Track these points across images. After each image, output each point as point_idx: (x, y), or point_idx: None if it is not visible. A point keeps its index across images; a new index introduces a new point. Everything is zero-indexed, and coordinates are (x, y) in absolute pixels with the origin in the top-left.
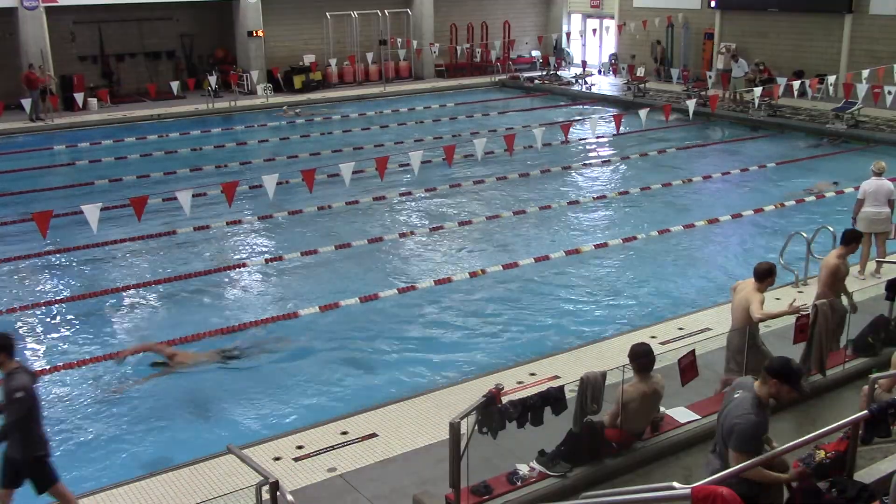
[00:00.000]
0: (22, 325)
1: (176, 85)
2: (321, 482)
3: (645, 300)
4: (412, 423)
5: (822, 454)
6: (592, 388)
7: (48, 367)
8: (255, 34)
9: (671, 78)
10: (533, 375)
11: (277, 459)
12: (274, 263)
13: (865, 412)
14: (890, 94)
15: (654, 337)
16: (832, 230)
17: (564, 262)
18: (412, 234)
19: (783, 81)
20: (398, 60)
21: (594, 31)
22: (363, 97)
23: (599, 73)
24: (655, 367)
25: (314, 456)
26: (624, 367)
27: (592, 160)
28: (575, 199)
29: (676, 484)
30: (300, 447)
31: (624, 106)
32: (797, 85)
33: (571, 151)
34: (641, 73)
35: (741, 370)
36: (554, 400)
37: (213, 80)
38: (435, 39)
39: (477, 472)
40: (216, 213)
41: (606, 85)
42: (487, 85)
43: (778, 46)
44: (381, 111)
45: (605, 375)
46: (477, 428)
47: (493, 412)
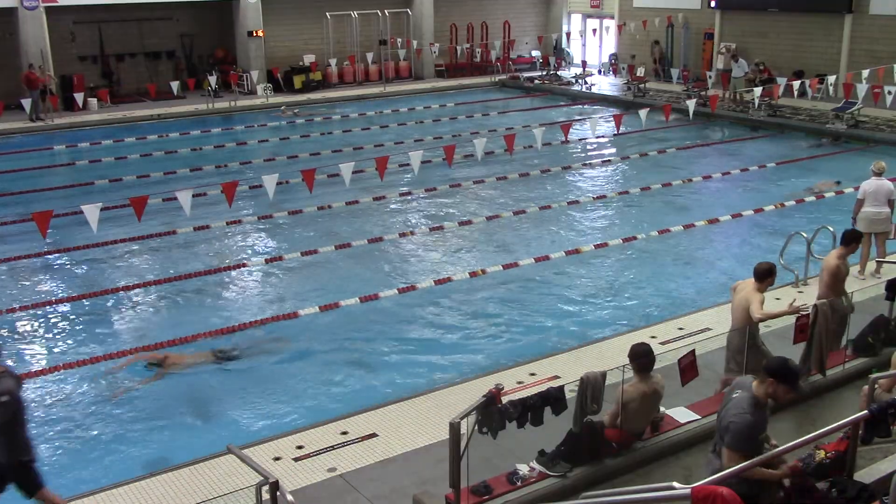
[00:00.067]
0: (22, 325)
1: (176, 85)
2: (321, 482)
3: (645, 300)
4: (412, 423)
5: (822, 454)
6: (592, 388)
7: (48, 367)
8: (255, 34)
9: (671, 78)
10: (533, 375)
11: (277, 459)
12: (274, 263)
13: (865, 412)
14: (890, 94)
15: (654, 337)
16: (832, 230)
17: (564, 261)
18: (412, 234)
19: (783, 81)
20: (398, 60)
21: (594, 31)
22: (363, 97)
23: (599, 73)
24: (655, 367)
25: (314, 456)
26: (624, 367)
27: (592, 160)
28: (575, 199)
29: (676, 484)
30: (300, 447)
31: (624, 106)
32: (797, 85)
33: (571, 151)
34: (641, 73)
35: (741, 370)
36: (554, 400)
37: (213, 80)
38: (435, 39)
39: (477, 472)
40: (216, 213)
41: (606, 85)
42: (487, 85)
43: (778, 46)
44: (381, 111)
45: (605, 375)
46: (477, 428)
47: (493, 412)
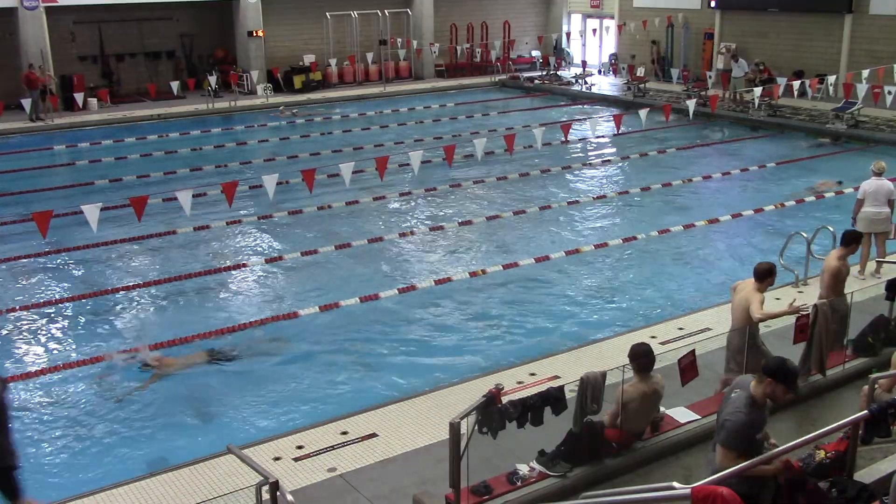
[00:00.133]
0: (21, 325)
1: (176, 85)
2: (321, 482)
3: (645, 300)
4: (412, 423)
5: (822, 454)
6: (592, 388)
7: (48, 366)
8: (255, 34)
9: (670, 78)
10: (533, 375)
11: (277, 459)
12: (274, 263)
13: (865, 412)
14: (890, 94)
15: (654, 337)
16: (832, 230)
17: (564, 261)
18: (412, 234)
19: (783, 81)
20: (398, 60)
21: (594, 31)
22: (363, 97)
23: (599, 73)
24: (655, 367)
25: (314, 456)
26: (624, 367)
27: (592, 160)
28: (575, 198)
29: (676, 484)
30: (300, 447)
31: (624, 106)
32: (797, 85)
33: (571, 151)
34: (641, 73)
35: (741, 370)
36: (554, 400)
37: (213, 80)
38: (435, 39)
39: (477, 472)
40: (216, 213)
41: (606, 85)
42: (487, 85)
43: (778, 46)
44: (381, 111)
45: (605, 375)
46: (477, 428)
47: (493, 412)
